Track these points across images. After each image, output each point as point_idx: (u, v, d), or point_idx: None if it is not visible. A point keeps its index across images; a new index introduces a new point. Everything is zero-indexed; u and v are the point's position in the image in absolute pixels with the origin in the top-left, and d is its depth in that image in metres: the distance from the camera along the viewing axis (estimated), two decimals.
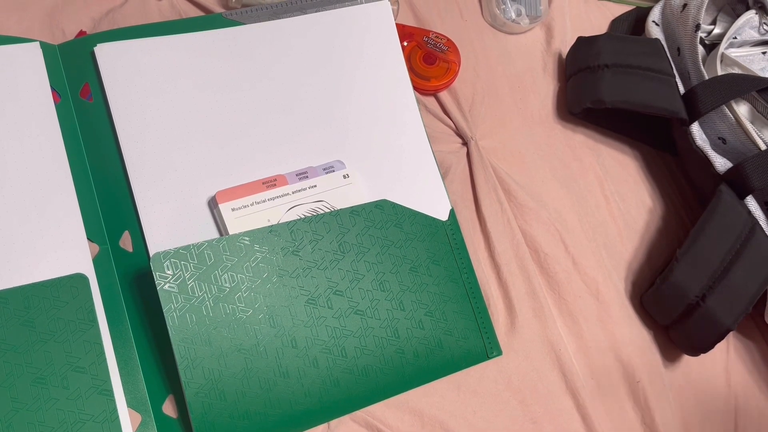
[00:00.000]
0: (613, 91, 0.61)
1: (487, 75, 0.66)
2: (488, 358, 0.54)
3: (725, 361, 0.60)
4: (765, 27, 0.67)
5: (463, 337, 0.53)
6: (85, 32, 0.55)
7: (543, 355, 0.56)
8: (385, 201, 0.53)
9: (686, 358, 0.59)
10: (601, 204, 0.63)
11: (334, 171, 0.53)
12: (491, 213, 0.59)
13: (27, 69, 0.49)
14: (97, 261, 0.47)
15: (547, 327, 0.56)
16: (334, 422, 0.49)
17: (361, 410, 0.50)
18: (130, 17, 0.57)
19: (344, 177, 0.53)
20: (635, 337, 0.59)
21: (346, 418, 0.50)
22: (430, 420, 0.51)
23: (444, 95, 0.63)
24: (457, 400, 0.52)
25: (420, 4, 0.66)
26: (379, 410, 0.50)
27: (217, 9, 0.60)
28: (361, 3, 0.58)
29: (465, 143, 0.62)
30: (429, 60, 0.62)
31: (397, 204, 0.53)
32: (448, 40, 0.64)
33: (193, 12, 0.60)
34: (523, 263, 0.58)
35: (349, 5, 0.58)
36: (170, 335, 0.45)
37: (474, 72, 0.65)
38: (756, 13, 0.67)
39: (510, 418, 0.53)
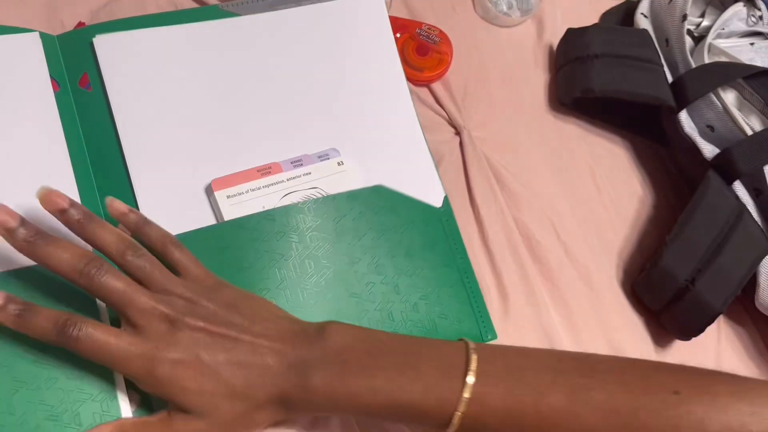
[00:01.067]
0: (602, 81, 0.62)
1: (479, 67, 0.67)
2: (483, 341, 0.54)
3: (716, 347, 0.61)
4: (753, 18, 0.68)
5: (458, 320, 0.54)
6: (84, 24, 0.57)
7: (536, 341, 0.56)
8: (380, 186, 0.54)
9: (677, 344, 0.60)
10: (593, 193, 0.64)
11: (328, 158, 0.54)
12: (484, 201, 0.60)
13: (27, 58, 0.51)
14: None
15: (539, 313, 0.57)
16: None
17: None
18: (127, 9, 0.58)
19: (338, 164, 0.54)
20: (627, 323, 0.60)
21: None
22: None
23: (437, 86, 0.65)
24: None
25: None
26: None
27: (213, 1, 0.61)
28: None
29: (458, 133, 0.63)
30: (422, 51, 0.63)
31: (392, 190, 0.54)
32: (441, 31, 0.65)
33: (189, 5, 0.61)
34: (515, 250, 0.59)
35: None
36: None
37: (466, 64, 0.67)
38: (744, 6, 0.68)
39: None
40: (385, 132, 0.58)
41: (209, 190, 0.51)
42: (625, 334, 0.59)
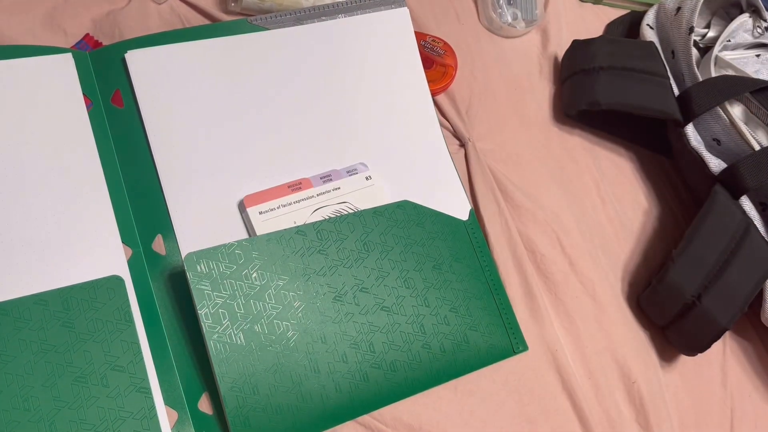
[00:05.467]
0: (608, 93, 0.62)
1: (484, 78, 0.67)
2: (514, 353, 0.55)
3: (721, 361, 0.61)
4: (759, 30, 0.68)
5: (489, 332, 0.54)
6: (90, 36, 0.57)
7: (540, 355, 0.56)
8: (406, 201, 0.55)
9: (682, 359, 0.60)
10: (598, 205, 0.64)
11: (357, 173, 0.55)
12: (489, 214, 0.60)
13: (60, 79, 0.52)
14: (131, 263, 0.50)
15: (544, 327, 0.57)
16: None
17: None
18: (130, 19, 0.59)
19: (367, 179, 0.55)
20: (631, 338, 0.60)
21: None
22: (428, 420, 0.52)
23: (441, 98, 0.64)
24: (453, 400, 0.53)
25: (417, 9, 0.67)
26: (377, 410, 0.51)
27: (217, 13, 0.62)
28: (381, 10, 0.59)
29: (462, 145, 0.63)
30: (426, 64, 0.63)
31: (418, 204, 0.56)
32: (445, 43, 0.65)
33: (192, 15, 0.62)
34: (520, 264, 0.59)
35: (369, 12, 0.58)
36: (203, 332, 0.47)
37: (471, 75, 0.66)
38: (750, 17, 0.68)
39: (506, 419, 0.54)
40: (411, 145, 0.59)
41: (242, 207, 0.53)
42: (630, 349, 0.59)
